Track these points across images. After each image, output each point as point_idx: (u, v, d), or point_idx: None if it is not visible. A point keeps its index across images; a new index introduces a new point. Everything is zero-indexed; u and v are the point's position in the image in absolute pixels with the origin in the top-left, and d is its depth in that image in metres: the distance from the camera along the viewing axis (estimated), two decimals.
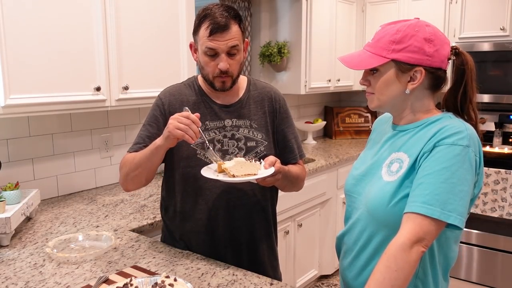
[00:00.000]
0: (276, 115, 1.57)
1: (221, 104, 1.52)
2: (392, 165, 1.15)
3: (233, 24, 1.40)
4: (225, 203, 1.48)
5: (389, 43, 1.11)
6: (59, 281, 1.29)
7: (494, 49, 3.26)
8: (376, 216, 1.14)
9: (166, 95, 1.54)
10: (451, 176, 1.02)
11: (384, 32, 1.13)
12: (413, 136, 1.15)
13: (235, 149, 1.49)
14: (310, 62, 3.40)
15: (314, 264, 3.16)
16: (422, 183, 1.04)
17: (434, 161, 1.04)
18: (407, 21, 1.14)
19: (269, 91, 1.59)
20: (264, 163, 1.37)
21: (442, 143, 1.05)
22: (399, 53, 1.10)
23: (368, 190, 1.18)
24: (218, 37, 1.38)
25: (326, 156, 3.29)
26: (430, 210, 1.01)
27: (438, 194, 1.01)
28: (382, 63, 1.12)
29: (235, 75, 1.46)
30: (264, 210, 1.57)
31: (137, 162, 1.43)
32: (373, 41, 1.15)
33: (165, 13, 2.21)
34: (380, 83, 1.15)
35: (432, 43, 1.10)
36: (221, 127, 1.49)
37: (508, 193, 3.01)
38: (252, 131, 1.52)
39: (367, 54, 1.15)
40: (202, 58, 1.43)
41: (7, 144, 2.01)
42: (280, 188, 1.57)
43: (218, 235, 1.50)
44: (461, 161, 1.03)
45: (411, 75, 1.12)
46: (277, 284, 1.27)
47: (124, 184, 1.51)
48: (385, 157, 1.20)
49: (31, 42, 1.72)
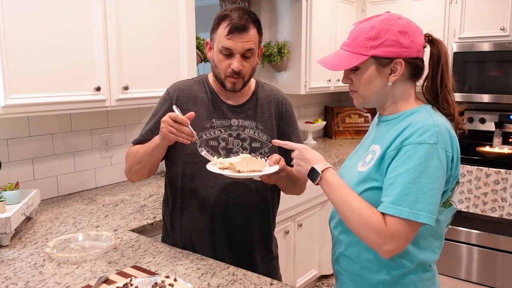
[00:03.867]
0: (282, 118, 1.58)
1: (230, 104, 1.53)
2: (367, 156, 1.20)
3: (251, 28, 1.42)
4: (226, 201, 1.49)
5: (366, 40, 1.13)
6: (59, 281, 1.29)
7: (494, 49, 3.26)
8: None
9: (175, 89, 1.54)
10: (420, 175, 1.04)
11: (359, 30, 1.15)
12: (391, 129, 1.17)
13: (239, 148, 1.50)
14: (310, 62, 3.40)
15: (314, 264, 3.16)
16: (392, 184, 1.07)
17: (403, 161, 1.06)
18: (378, 16, 1.16)
19: (276, 94, 1.61)
20: (268, 161, 1.38)
21: (409, 142, 1.07)
22: (377, 49, 1.12)
23: (346, 181, 1.21)
24: (235, 38, 1.39)
25: (326, 156, 3.29)
26: (399, 211, 1.03)
27: (407, 194, 1.03)
28: (362, 61, 1.14)
29: (246, 78, 1.47)
30: (264, 211, 1.57)
31: (140, 156, 1.47)
32: (349, 40, 1.17)
33: (165, 13, 2.22)
34: (362, 80, 1.17)
35: (407, 35, 1.12)
36: (227, 126, 1.50)
37: (508, 193, 3.01)
38: (258, 132, 1.53)
39: (345, 54, 1.16)
40: (217, 56, 1.44)
41: (7, 144, 2.01)
42: (282, 189, 1.57)
43: (217, 233, 1.51)
44: (429, 159, 1.04)
45: (392, 68, 1.14)
46: (277, 284, 1.27)
47: (129, 175, 1.56)
48: (364, 149, 1.25)
49: (31, 42, 1.72)
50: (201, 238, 1.51)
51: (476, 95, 3.38)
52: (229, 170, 1.35)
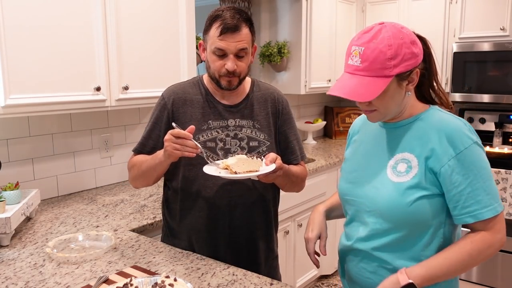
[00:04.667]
0: (279, 116, 1.58)
1: (226, 104, 1.53)
2: (398, 165, 1.17)
3: (243, 27, 1.41)
4: (226, 202, 1.49)
5: (387, 61, 1.08)
6: (59, 281, 1.29)
7: (494, 49, 3.26)
8: (392, 217, 1.15)
9: (170, 93, 1.54)
10: (486, 172, 1.11)
11: (375, 52, 1.08)
12: (408, 133, 1.18)
13: (237, 148, 1.49)
14: (310, 62, 3.40)
15: (314, 264, 3.15)
16: (472, 191, 1.10)
17: (467, 168, 1.10)
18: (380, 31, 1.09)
19: (272, 93, 1.60)
20: (265, 160, 1.38)
21: (459, 149, 1.10)
22: (399, 67, 1.09)
23: (375, 192, 1.18)
24: (228, 38, 1.39)
25: (326, 156, 3.29)
26: (494, 209, 1.10)
27: (489, 193, 1.10)
28: (388, 83, 1.09)
29: (242, 75, 1.47)
30: (265, 210, 1.57)
31: (144, 170, 1.48)
32: (364, 65, 1.09)
33: (165, 13, 2.22)
34: (384, 99, 1.13)
35: (415, 43, 1.12)
36: (224, 127, 1.50)
37: (508, 193, 3.00)
38: (255, 131, 1.53)
39: (367, 79, 1.09)
40: (210, 57, 1.44)
41: (7, 144, 2.01)
42: (281, 187, 1.57)
43: (218, 234, 1.51)
44: (483, 153, 1.13)
45: (409, 78, 1.14)
46: (277, 284, 1.27)
47: (133, 184, 1.59)
48: (385, 158, 1.20)
49: (31, 42, 1.72)
50: (202, 239, 1.51)
51: (476, 95, 3.38)
52: (225, 171, 1.35)
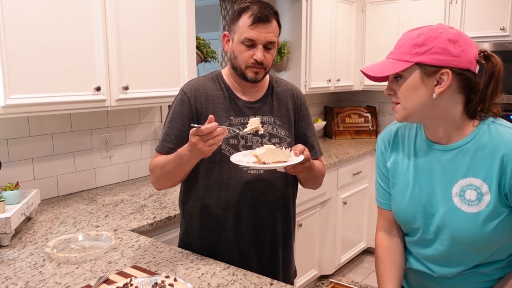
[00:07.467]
0: (298, 112, 1.58)
1: (246, 100, 1.52)
2: (466, 193, 1.12)
3: (273, 19, 1.42)
4: (250, 199, 1.49)
5: (412, 47, 1.08)
6: (59, 281, 1.29)
7: (494, 49, 3.25)
8: (475, 246, 1.14)
9: (191, 89, 1.50)
10: None
11: (406, 38, 1.11)
12: (467, 156, 1.12)
13: (259, 145, 1.49)
14: (310, 62, 3.40)
15: (314, 264, 3.16)
16: None
17: None
18: (429, 26, 1.11)
19: (291, 89, 1.61)
20: (293, 151, 1.38)
21: None
22: (422, 56, 1.07)
23: (449, 224, 1.15)
24: (259, 28, 1.39)
25: (326, 156, 3.29)
26: None
27: None
28: (405, 67, 1.08)
29: (268, 68, 1.47)
30: (285, 206, 1.58)
31: (169, 171, 1.42)
32: (395, 49, 1.13)
33: (165, 13, 2.22)
34: (405, 90, 1.11)
35: (457, 44, 1.07)
36: (245, 123, 1.48)
37: None
38: (276, 128, 1.53)
39: (389, 61, 1.13)
40: (238, 47, 1.43)
41: (7, 144, 2.02)
42: (303, 181, 1.57)
43: (243, 231, 1.51)
44: None
45: (438, 78, 1.08)
46: (277, 284, 1.27)
47: (156, 185, 1.52)
48: (447, 185, 1.15)
49: (31, 42, 1.72)
50: (225, 237, 1.51)
51: None
52: (253, 161, 1.34)
